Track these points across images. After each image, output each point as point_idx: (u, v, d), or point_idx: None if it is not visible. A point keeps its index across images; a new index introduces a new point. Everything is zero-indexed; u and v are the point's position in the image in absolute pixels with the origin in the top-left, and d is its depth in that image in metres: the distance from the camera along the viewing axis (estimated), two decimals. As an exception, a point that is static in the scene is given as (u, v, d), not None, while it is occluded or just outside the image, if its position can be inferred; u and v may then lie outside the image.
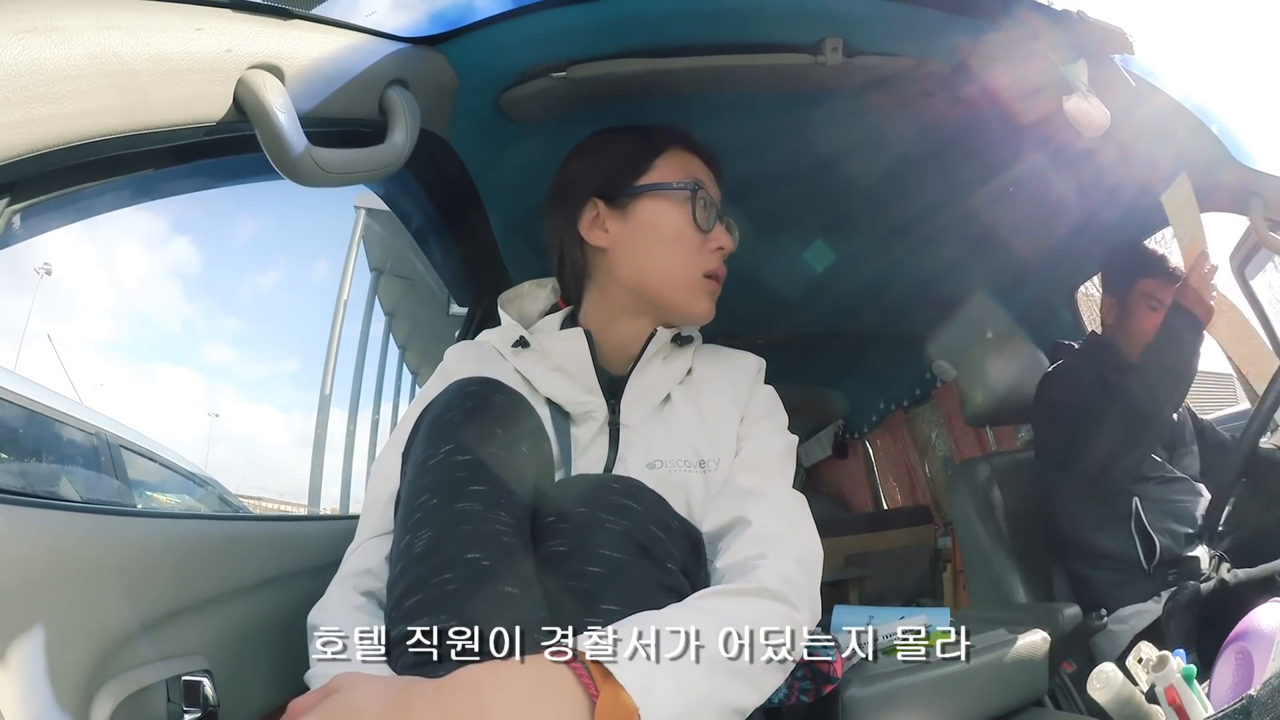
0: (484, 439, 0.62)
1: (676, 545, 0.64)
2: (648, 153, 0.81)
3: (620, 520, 0.61)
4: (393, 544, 0.61)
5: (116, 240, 2.54)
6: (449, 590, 0.55)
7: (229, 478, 2.61)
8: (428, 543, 0.57)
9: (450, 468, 0.60)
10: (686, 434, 0.77)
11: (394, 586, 0.58)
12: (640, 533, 0.61)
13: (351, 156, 0.69)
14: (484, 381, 0.68)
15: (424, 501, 0.59)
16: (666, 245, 0.79)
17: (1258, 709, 0.63)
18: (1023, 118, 0.98)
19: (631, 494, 0.64)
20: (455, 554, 0.56)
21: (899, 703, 0.82)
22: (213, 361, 4.25)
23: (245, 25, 0.61)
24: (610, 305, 0.81)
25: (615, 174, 0.80)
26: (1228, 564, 1.15)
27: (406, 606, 0.55)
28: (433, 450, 0.61)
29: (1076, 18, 0.84)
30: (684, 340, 0.83)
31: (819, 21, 0.90)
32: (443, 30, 0.81)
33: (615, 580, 0.59)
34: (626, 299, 0.80)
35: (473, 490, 0.59)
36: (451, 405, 0.64)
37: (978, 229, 1.43)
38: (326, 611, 0.64)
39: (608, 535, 0.61)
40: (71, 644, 0.52)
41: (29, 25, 0.46)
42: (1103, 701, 0.89)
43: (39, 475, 1.35)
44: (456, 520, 0.57)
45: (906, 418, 2.88)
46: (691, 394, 0.81)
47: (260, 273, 5.08)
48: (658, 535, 0.62)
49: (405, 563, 0.57)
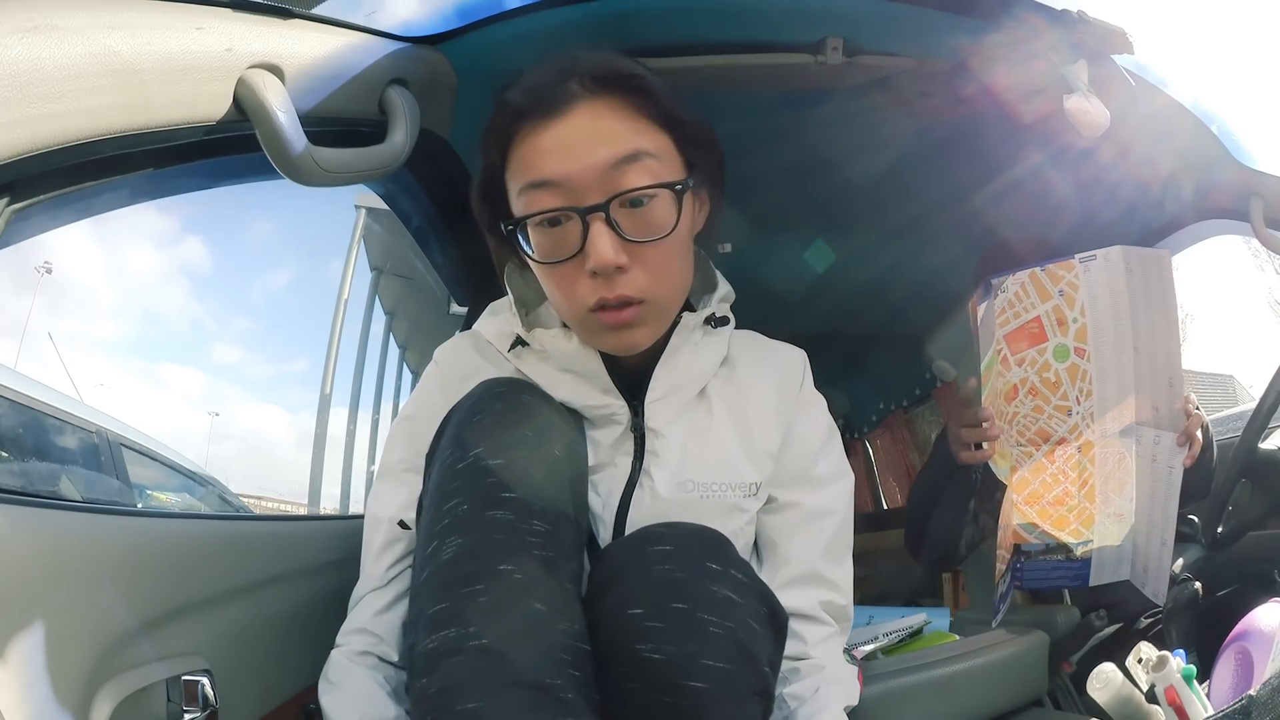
0: (516, 443, 0.59)
1: (770, 635, 0.58)
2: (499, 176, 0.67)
3: (724, 621, 0.53)
4: (417, 548, 0.59)
5: (116, 240, 2.54)
6: (480, 603, 0.52)
7: (229, 476, 2.61)
8: (457, 550, 0.54)
9: (481, 473, 0.57)
10: (724, 448, 0.69)
11: (420, 594, 0.56)
12: (744, 632, 0.54)
13: (351, 156, 0.68)
14: (512, 381, 0.65)
15: (453, 507, 0.56)
16: (543, 281, 0.67)
17: (1258, 709, 0.63)
18: (1023, 118, 0.98)
19: (730, 577, 0.55)
20: (488, 565, 0.53)
21: (899, 703, 0.82)
22: (212, 361, 4.26)
23: (245, 24, 0.61)
24: None
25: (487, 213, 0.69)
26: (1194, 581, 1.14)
27: (434, 640, 0.52)
28: (461, 453, 0.58)
29: (1076, 18, 0.84)
30: (719, 322, 0.73)
31: (819, 21, 0.90)
32: (443, 30, 0.81)
33: (720, 698, 0.53)
34: None
35: (505, 498, 0.56)
36: (480, 407, 0.61)
37: (978, 229, 1.43)
38: (336, 692, 0.62)
39: (713, 643, 0.53)
40: (71, 644, 0.52)
41: (29, 24, 0.46)
42: (1102, 701, 0.89)
43: (39, 474, 1.35)
44: (489, 529, 0.55)
45: (906, 418, 2.88)
46: (732, 393, 0.72)
47: (260, 272, 5.09)
48: (756, 631, 0.56)
49: (432, 569, 0.55)
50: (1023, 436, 0.98)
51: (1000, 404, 0.98)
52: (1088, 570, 0.96)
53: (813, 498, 0.72)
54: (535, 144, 0.61)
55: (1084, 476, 0.96)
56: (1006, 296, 0.96)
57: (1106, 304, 0.93)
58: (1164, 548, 0.94)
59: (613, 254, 0.60)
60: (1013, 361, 0.97)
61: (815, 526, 0.71)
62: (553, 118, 0.61)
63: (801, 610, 0.68)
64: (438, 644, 0.51)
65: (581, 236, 0.61)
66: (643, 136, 0.62)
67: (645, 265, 0.62)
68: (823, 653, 0.68)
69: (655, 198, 0.61)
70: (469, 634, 0.51)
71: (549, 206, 0.61)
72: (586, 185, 0.60)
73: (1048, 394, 0.96)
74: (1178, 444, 0.94)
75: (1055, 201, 1.30)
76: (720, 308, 0.74)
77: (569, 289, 0.63)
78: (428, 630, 0.52)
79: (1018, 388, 0.97)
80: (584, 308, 0.63)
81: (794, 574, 0.70)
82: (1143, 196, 1.22)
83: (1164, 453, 0.95)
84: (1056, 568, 0.96)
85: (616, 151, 0.60)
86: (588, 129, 0.61)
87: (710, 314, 0.72)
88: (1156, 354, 0.94)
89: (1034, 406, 0.97)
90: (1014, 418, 0.98)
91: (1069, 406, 0.96)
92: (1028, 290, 0.95)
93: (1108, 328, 0.94)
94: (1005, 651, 0.92)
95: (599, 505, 0.68)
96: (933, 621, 1.12)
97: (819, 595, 0.69)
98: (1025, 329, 0.96)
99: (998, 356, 0.97)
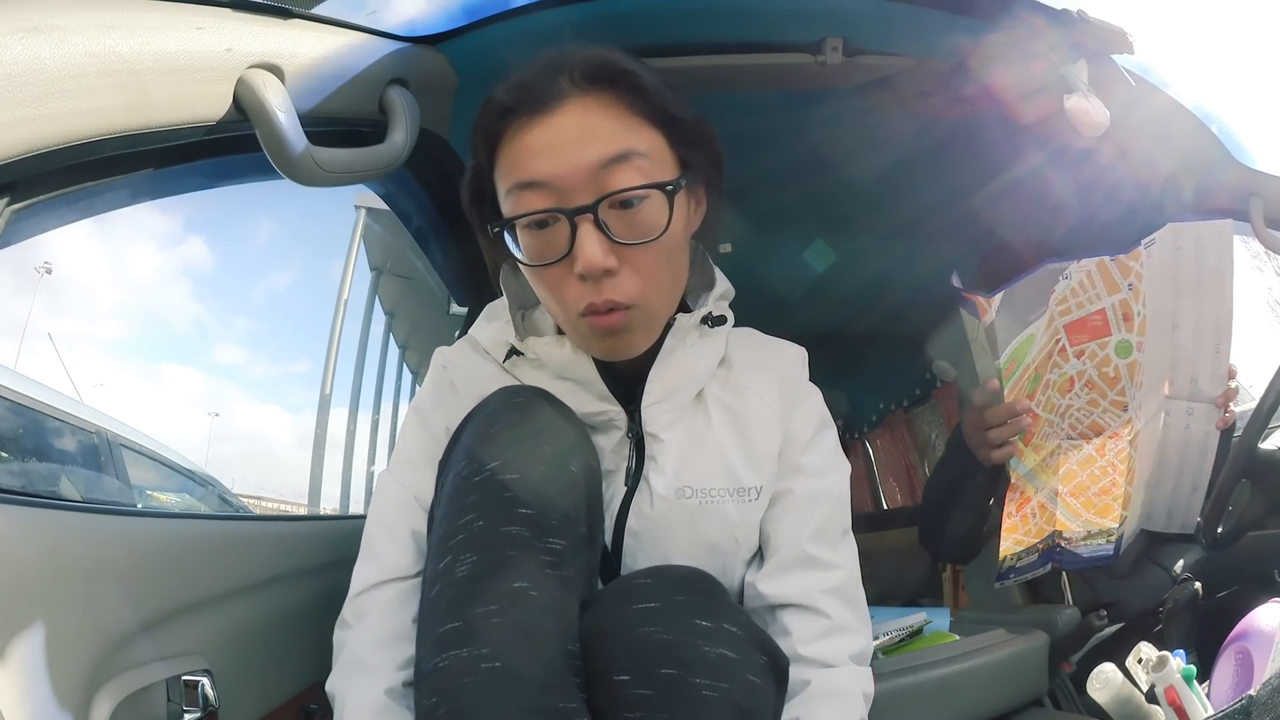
0: (532, 457, 0.57)
1: (771, 685, 0.55)
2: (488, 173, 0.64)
3: (719, 683, 0.49)
4: (429, 561, 0.57)
5: (116, 240, 2.54)
6: (494, 624, 0.50)
7: (229, 476, 2.61)
8: (471, 568, 0.52)
9: (497, 487, 0.55)
10: (722, 449, 0.68)
11: (431, 610, 0.54)
12: (742, 691, 0.50)
13: (351, 156, 0.68)
14: (529, 392, 0.63)
15: (468, 522, 0.54)
16: (533, 283, 0.65)
17: (1258, 709, 0.63)
18: (1023, 118, 0.98)
19: (723, 633, 0.52)
20: (502, 584, 0.51)
21: (899, 703, 0.82)
22: (213, 361, 4.26)
23: (245, 24, 0.61)
24: None
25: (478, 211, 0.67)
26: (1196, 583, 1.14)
27: (444, 659, 0.50)
28: (477, 466, 0.56)
29: (1076, 18, 0.84)
30: (716, 321, 0.71)
31: (819, 21, 0.90)
32: (443, 30, 0.81)
33: None
34: None
35: (520, 514, 0.54)
36: (497, 418, 0.59)
37: (978, 229, 1.43)
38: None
39: (708, 708, 0.49)
40: (71, 644, 0.52)
41: (29, 24, 0.46)
42: (1102, 702, 0.89)
43: (39, 474, 1.35)
44: (503, 546, 0.53)
45: (906, 418, 2.89)
46: (731, 396, 0.70)
47: (261, 273, 5.10)
48: (756, 685, 0.52)
49: (444, 585, 0.53)
50: (1074, 430, 0.96)
51: (1054, 395, 0.96)
52: (1120, 543, 0.94)
53: (804, 485, 0.69)
54: (523, 143, 0.59)
55: (1130, 465, 0.94)
56: (1070, 284, 0.92)
57: (1158, 289, 0.91)
58: (1195, 493, 0.94)
59: (601, 257, 0.58)
60: (1071, 354, 0.94)
61: (806, 512, 0.68)
62: (541, 115, 0.59)
63: (791, 599, 0.65)
64: (449, 663, 0.49)
65: (570, 238, 0.58)
66: (634, 135, 0.60)
67: (636, 268, 0.60)
68: (815, 653, 0.63)
69: (646, 199, 0.59)
70: (481, 654, 0.49)
71: (537, 208, 0.59)
72: (575, 186, 0.58)
73: (1104, 388, 0.94)
74: (1217, 405, 0.93)
75: (1055, 202, 1.30)
76: (718, 306, 0.72)
77: (558, 292, 0.61)
78: (438, 648, 0.50)
79: (1074, 380, 0.94)
80: (574, 312, 0.61)
81: (782, 560, 0.67)
82: (1142, 197, 1.22)
83: (1198, 421, 0.94)
84: (1094, 550, 0.94)
85: (606, 151, 0.58)
86: (577, 127, 0.59)
87: (707, 313, 0.70)
88: (1204, 324, 0.92)
89: (1089, 400, 0.95)
90: (1067, 410, 0.96)
91: (1125, 402, 0.94)
92: (1094, 280, 0.92)
93: (1159, 313, 0.92)
94: (1005, 651, 0.92)
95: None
96: (933, 621, 1.12)
97: (810, 579, 0.66)
98: (1088, 321, 0.93)
99: (1055, 346, 0.94)
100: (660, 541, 0.66)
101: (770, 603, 0.66)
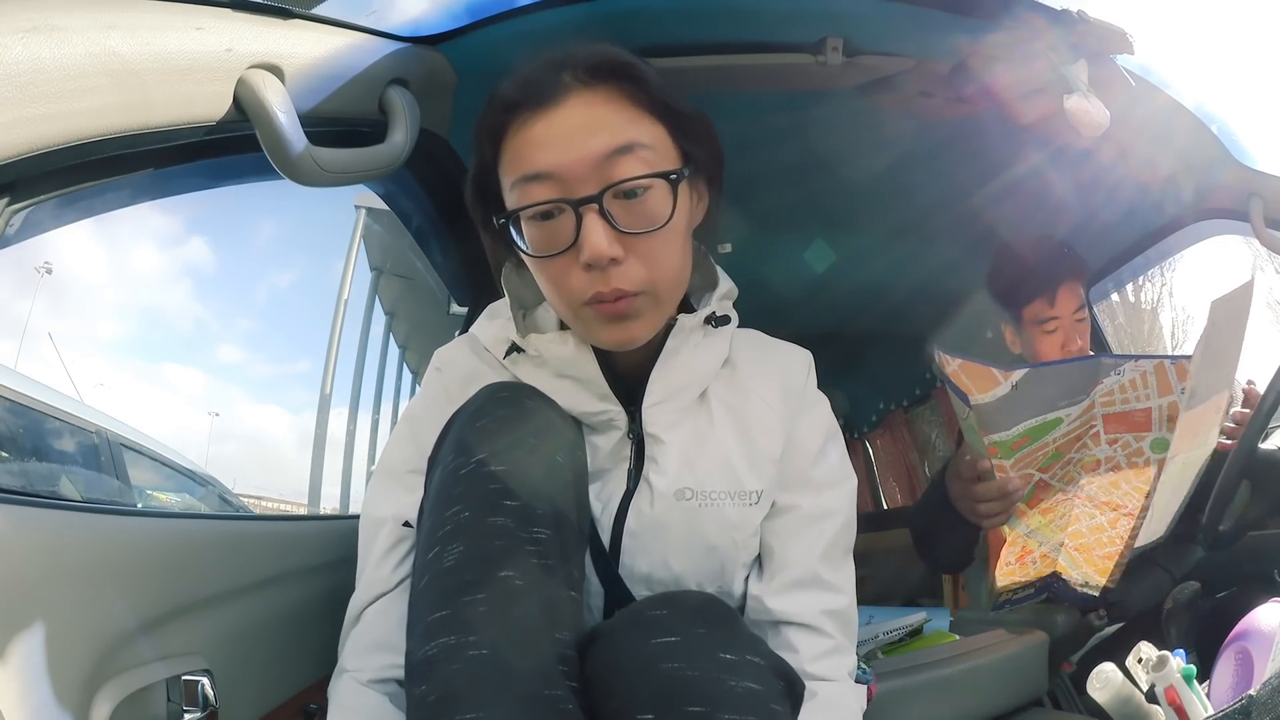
0: (518, 448, 0.58)
1: (789, 710, 0.55)
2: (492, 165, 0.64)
3: (746, 717, 0.50)
4: (417, 553, 0.58)
5: (116, 240, 2.54)
6: (480, 611, 0.51)
7: (229, 476, 2.61)
8: (458, 557, 0.54)
9: (483, 479, 0.56)
10: (725, 451, 0.68)
11: (419, 600, 0.55)
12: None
13: (351, 156, 0.69)
14: (516, 386, 0.64)
15: (455, 513, 0.55)
16: (537, 276, 0.65)
17: (1258, 709, 0.63)
18: (1023, 118, 0.98)
19: (747, 665, 0.52)
20: (489, 573, 0.53)
21: (899, 703, 0.82)
22: (213, 361, 4.26)
23: (245, 25, 0.61)
24: None
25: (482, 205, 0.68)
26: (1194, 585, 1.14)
27: (433, 647, 0.51)
28: (464, 459, 0.57)
29: (1076, 18, 0.84)
30: (720, 321, 0.71)
31: (819, 21, 0.90)
32: (442, 30, 0.81)
33: None
34: None
35: (506, 505, 0.55)
36: (483, 412, 0.61)
37: (978, 229, 1.43)
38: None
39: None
40: (71, 644, 0.52)
41: (29, 24, 0.46)
42: (1102, 701, 0.89)
43: (39, 474, 1.35)
44: (490, 536, 0.54)
45: (906, 418, 2.89)
46: (734, 397, 0.70)
47: (261, 273, 5.09)
48: (778, 713, 0.53)
49: (432, 575, 0.54)
50: (1093, 501, 0.96)
51: (1075, 471, 0.94)
52: (1106, 594, 0.96)
53: (812, 500, 0.70)
54: (528, 136, 0.60)
55: (1135, 530, 0.94)
56: (1120, 380, 0.90)
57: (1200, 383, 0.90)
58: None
59: (606, 246, 0.58)
60: (1104, 439, 0.92)
61: (814, 529, 0.69)
62: (545, 109, 0.60)
63: (799, 619, 0.67)
64: (437, 651, 0.50)
65: (575, 229, 0.59)
66: (637, 127, 0.61)
67: (641, 257, 0.61)
68: (819, 670, 0.65)
69: (650, 188, 0.60)
70: (469, 642, 0.50)
71: (542, 199, 0.60)
72: (580, 177, 0.59)
73: (1131, 475, 0.93)
74: (1225, 434, 0.95)
75: (1055, 202, 1.30)
76: (721, 305, 0.72)
77: (563, 283, 0.62)
78: (426, 637, 0.51)
79: (1101, 463, 0.93)
80: (579, 300, 0.62)
81: (792, 578, 0.68)
82: (1143, 197, 1.22)
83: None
84: (1086, 594, 0.96)
85: (610, 142, 0.59)
86: (581, 120, 0.60)
87: (710, 313, 0.70)
88: (1217, 387, 0.93)
89: (1112, 481, 0.94)
90: (1087, 484, 0.95)
91: (1147, 489, 0.93)
92: (1147, 380, 0.89)
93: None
94: (1005, 651, 0.92)
95: (598, 510, 0.67)
96: (933, 621, 1.12)
97: (818, 601, 0.67)
98: (1130, 415, 0.91)
99: (1088, 431, 0.92)
100: (659, 542, 0.66)
101: (776, 619, 0.67)
